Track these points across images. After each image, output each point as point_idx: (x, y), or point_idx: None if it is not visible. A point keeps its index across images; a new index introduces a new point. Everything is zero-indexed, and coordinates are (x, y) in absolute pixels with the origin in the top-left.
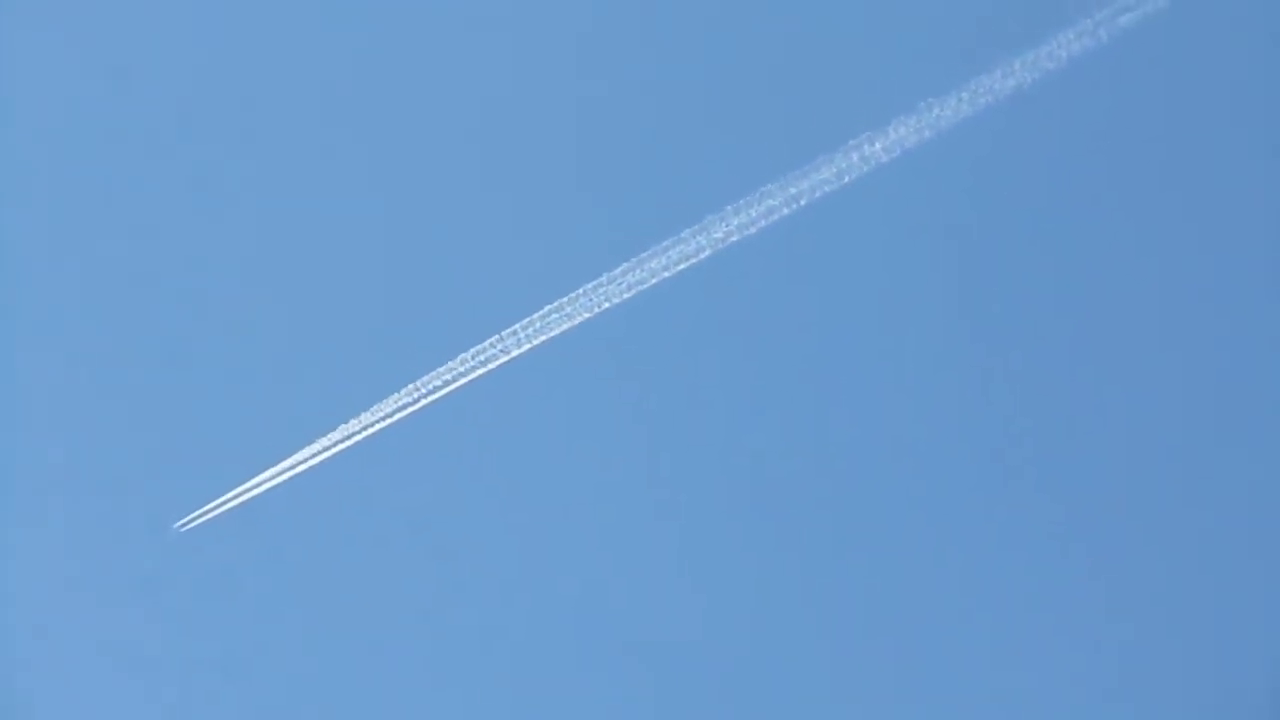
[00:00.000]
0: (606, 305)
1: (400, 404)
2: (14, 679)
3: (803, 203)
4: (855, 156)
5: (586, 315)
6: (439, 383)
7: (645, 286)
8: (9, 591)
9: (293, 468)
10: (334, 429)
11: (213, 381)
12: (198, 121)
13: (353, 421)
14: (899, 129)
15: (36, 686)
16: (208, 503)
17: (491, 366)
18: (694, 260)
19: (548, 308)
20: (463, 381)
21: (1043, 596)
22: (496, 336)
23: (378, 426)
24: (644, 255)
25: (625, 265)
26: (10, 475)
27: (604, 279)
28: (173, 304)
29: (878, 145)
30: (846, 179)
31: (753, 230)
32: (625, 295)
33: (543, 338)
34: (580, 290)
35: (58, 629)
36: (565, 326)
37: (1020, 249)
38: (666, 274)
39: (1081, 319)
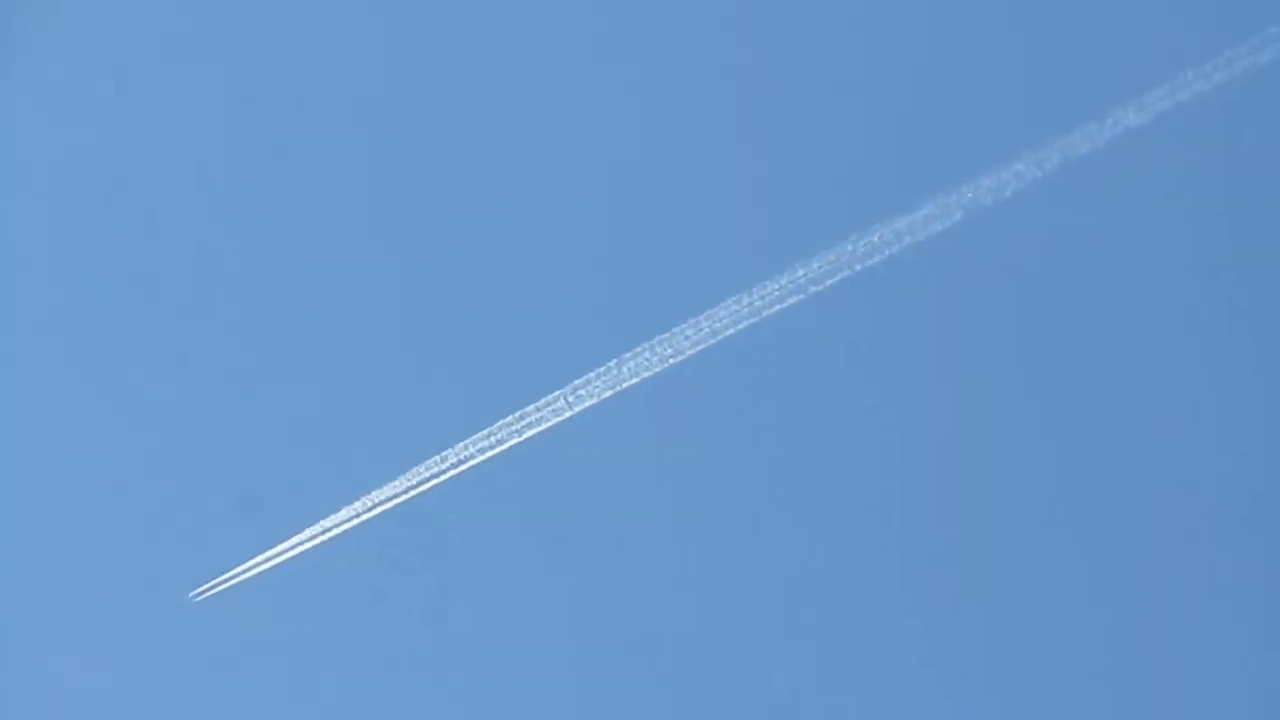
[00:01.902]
0: (575, 410)
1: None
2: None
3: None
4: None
5: (563, 417)
6: (413, 481)
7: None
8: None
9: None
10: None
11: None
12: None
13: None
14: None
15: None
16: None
17: (461, 469)
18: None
19: (528, 408)
20: (428, 485)
21: (1042, 598)
22: (470, 438)
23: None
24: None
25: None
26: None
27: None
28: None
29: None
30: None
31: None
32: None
33: (522, 437)
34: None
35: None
36: (547, 425)
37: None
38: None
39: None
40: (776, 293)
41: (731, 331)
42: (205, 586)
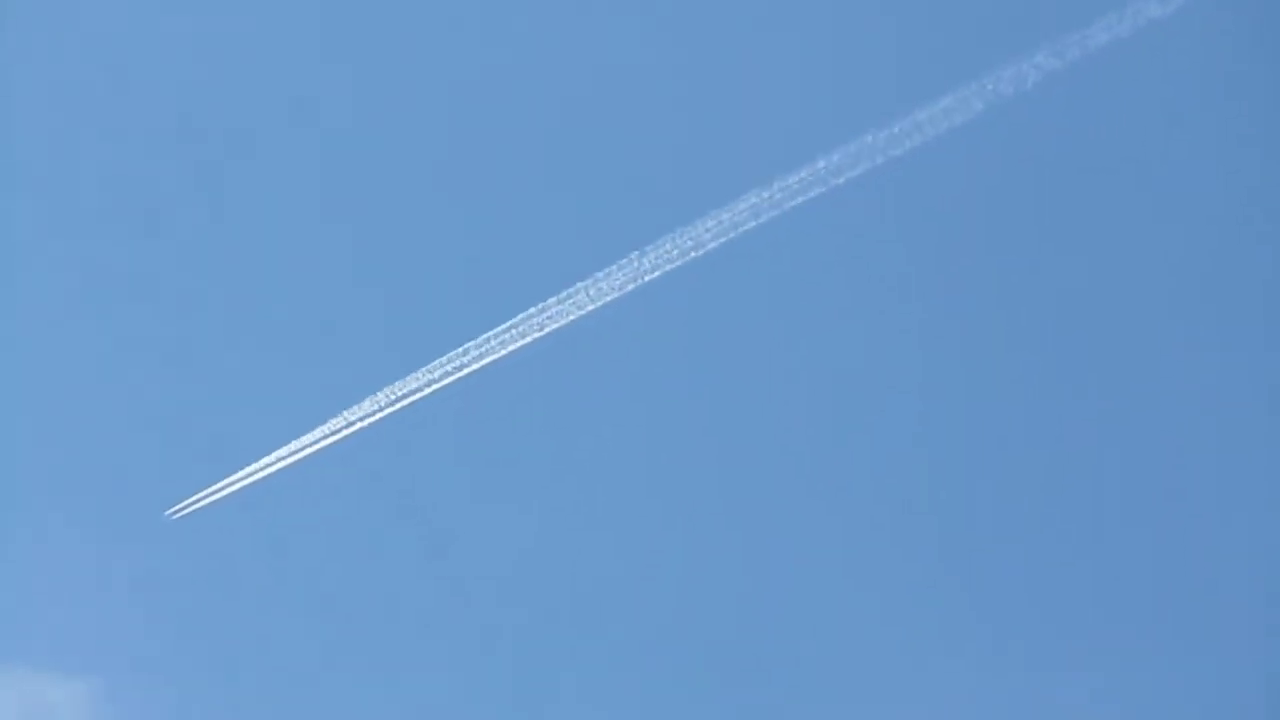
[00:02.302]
0: (597, 304)
1: (398, 395)
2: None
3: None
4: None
5: (584, 310)
6: (435, 375)
7: (631, 288)
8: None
9: (283, 459)
10: (324, 422)
11: (208, 373)
12: (197, 120)
13: (345, 414)
14: (895, 129)
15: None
16: (199, 491)
17: (483, 363)
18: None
19: (550, 300)
20: (454, 377)
21: (1039, 595)
22: (489, 333)
23: (374, 418)
24: (627, 259)
25: (618, 263)
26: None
27: (598, 276)
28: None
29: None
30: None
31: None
32: (615, 295)
33: (543, 331)
34: (577, 286)
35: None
36: (570, 319)
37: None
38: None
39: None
40: (798, 185)
41: (753, 224)
42: (183, 504)
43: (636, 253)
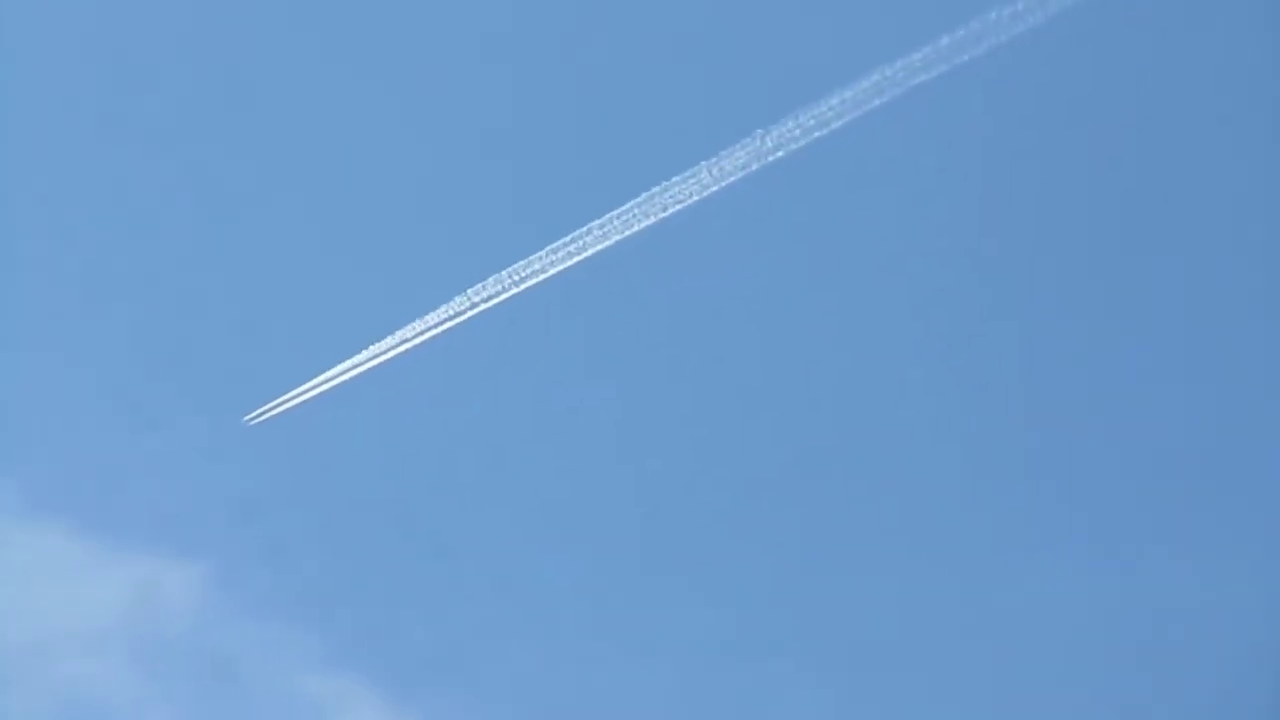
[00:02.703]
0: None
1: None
2: None
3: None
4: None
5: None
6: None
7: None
8: None
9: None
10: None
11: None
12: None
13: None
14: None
15: None
16: (271, 401)
17: (486, 306)
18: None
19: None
20: (469, 314)
21: (1036, 586)
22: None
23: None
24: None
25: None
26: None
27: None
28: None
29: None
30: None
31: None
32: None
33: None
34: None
35: None
36: (599, 247)
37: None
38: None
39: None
40: (851, 100)
41: (839, 123)
42: (260, 410)
43: (704, 162)
